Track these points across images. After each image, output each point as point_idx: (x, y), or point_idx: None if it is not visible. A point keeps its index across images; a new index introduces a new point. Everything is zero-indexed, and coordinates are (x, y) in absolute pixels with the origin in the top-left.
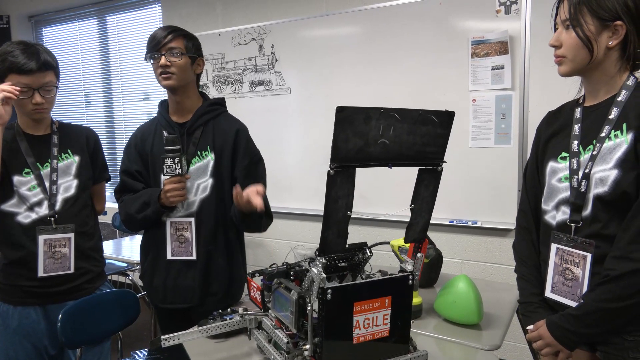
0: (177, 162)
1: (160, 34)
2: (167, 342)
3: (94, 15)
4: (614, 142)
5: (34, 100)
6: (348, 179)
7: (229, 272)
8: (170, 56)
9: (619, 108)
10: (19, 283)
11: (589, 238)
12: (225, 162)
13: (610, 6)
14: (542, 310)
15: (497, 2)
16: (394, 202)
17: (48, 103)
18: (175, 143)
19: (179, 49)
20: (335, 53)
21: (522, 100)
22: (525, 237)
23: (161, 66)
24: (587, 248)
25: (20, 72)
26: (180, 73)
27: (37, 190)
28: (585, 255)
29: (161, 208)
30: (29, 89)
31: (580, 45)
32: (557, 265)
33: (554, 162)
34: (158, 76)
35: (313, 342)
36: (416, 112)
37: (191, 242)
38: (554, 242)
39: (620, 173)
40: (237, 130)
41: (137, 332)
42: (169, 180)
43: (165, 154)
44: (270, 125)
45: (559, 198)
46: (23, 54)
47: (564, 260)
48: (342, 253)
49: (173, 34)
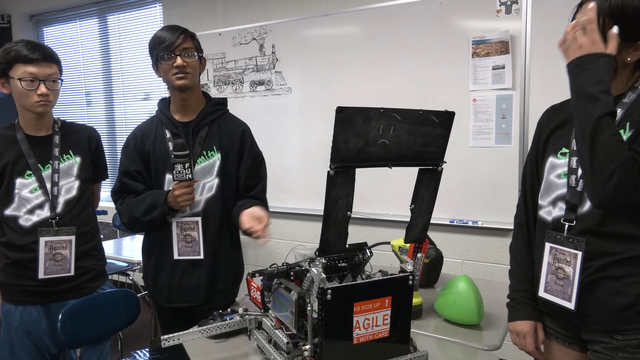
0: (187, 167)
1: (172, 35)
2: (167, 342)
3: (95, 15)
4: None
5: (39, 91)
6: (348, 179)
7: (233, 269)
8: (186, 57)
9: (623, 109)
10: (21, 282)
11: (582, 234)
12: (231, 163)
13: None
14: (522, 306)
15: (498, 2)
16: (394, 202)
17: (53, 96)
18: (184, 148)
19: (191, 49)
20: (335, 53)
21: (522, 100)
22: (520, 235)
23: (177, 67)
24: (578, 246)
25: (26, 61)
26: (194, 73)
27: (39, 192)
28: (576, 254)
29: (168, 210)
30: (34, 79)
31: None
32: (550, 265)
33: (554, 158)
34: (171, 76)
35: (313, 343)
36: (416, 112)
37: (198, 241)
38: (547, 242)
39: None
40: (243, 131)
41: (137, 332)
42: (179, 185)
43: (174, 159)
44: (271, 125)
45: (557, 194)
46: (27, 46)
47: (556, 259)
48: (342, 253)
49: (184, 35)
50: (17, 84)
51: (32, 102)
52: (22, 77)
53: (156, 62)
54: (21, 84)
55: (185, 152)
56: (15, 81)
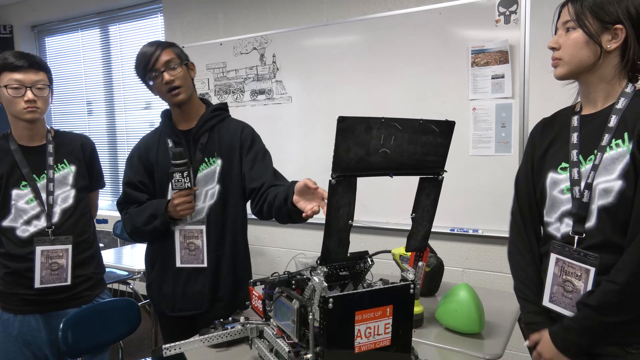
0: (186, 175)
1: (148, 52)
2: (169, 351)
3: (97, 25)
4: (615, 151)
5: (26, 97)
6: (349, 188)
7: (235, 278)
8: (171, 70)
9: (617, 116)
10: (19, 291)
11: (593, 249)
12: (233, 164)
13: (612, 9)
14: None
15: (497, 12)
16: (395, 210)
17: (41, 103)
18: (182, 156)
19: (174, 60)
20: (335, 62)
21: (522, 108)
22: (519, 250)
23: (167, 83)
24: (591, 262)
25: (12, 69)
26: (185, 84)
27: (35, 203)
28: (588, 269)
29: (169, 219)
30: (21, 86)
31: (579, 46)
32: (556, 276)
33: (554, 173)
34: (166, 94)
35: (314, 351)
36: (417, 121)
37: (202, 249)
38: (553, 252)
39: (624, 184)
40: (243, 128)
41: (138, 341)
42: (178, 194)
43: (172, 168)
44: (272, 134)
45: (562, 210)
46: (15, 54)
47: (564, 272)
48: (343, 262)
49: (161, 47)
50: (4, 91)
51: (20, 108)
52: (8, 84)
53: (147, 84)
54: (7, 91)
55: (184, 160)
56: (2, 89)
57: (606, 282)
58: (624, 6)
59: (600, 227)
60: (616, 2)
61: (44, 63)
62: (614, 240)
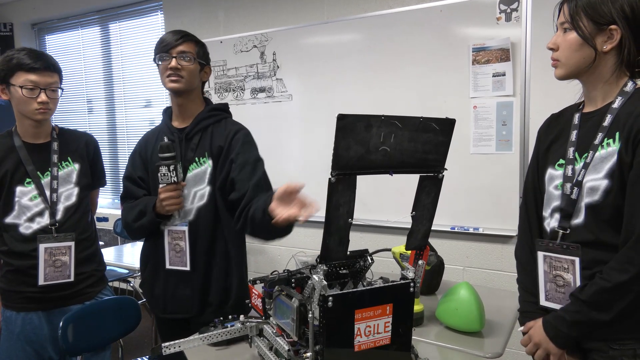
0: (172, 169)
1: (171, 37)
2: (168, 350)
3: (97, 23)
4: (605, 150)
5: (39, 99)
6: (349, 186)
7: (226, 283)
8: (181, 59)
9: (612, 115)
10: (22, 289)
11: (581, 245)
12: (224, 167)
13: (606, 10)
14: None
15: (498, 10)
16: (395, 209)
17: (52, 104)
18: (169, 150)
19: (190, 54)
20: (336, 60)
21: (523, 106)
22: (525, 242)
23: (170, 68)
24: (573, 252)
25: (28, 69)
26: (188, 77)
27: (38, 200)
28: (573, 260)
29: (156, 217)
30: (35, 87)
31: (574, 48)
32: (546, 273)
33: (552, 169)
34: (165, 78)
35: (314, 350)
36: (417, 119)
37: (185, 251)
38: (539, 250)
39: (610, 183)
40: (236, 132)
41: (138, 340)
42: (164, 189)
43: (159, 162)
44: (272, 132)
45: (553, 205)
46: (29, 54)
47: (552, 267)
48: (343, 260)
49: (184, 38)
50: (18, 91)
51: (32, 109)
52: (24, 84)
53: (157, 64)
54: (22, 91)
55: (171, 153)
56: (16, 88)
57: (600, 279)
58: (619, 5)
59: (587, 224)
60: (610, 1)
61: (57, 64)
62: (601, 238)
